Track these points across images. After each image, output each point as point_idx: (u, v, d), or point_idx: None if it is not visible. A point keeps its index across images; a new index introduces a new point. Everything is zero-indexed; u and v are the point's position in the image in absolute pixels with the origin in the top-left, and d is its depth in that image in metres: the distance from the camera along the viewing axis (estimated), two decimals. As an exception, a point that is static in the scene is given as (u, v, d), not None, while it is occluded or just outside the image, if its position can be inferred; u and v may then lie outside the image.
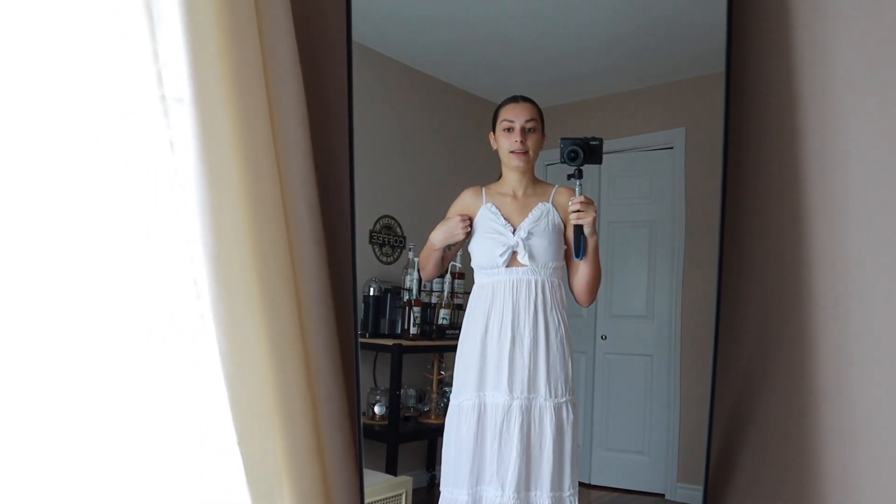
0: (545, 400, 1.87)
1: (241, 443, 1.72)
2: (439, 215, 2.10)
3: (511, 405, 1.85)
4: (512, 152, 1.93)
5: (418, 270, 2.21)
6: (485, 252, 1.93)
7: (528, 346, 1.87)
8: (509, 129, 1.93)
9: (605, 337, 2.50)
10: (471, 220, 1.97)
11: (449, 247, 2.01)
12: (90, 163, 1.58)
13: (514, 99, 1.97)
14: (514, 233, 1.92)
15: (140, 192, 1.66)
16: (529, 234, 1.91)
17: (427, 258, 2.03)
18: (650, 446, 2.45)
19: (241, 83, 1.71)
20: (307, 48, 1.93)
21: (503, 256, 1.90)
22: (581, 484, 2.42)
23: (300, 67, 1.86)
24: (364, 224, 2.36)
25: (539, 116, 1.96)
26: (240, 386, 1.70)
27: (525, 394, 1.86)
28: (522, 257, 1.89)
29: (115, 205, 1.61)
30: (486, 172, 2.12)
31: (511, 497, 1.81)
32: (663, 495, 2.42)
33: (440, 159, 2.49)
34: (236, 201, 1.71)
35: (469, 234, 1.99)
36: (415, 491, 2.27)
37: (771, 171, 1.96)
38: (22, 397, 1.49)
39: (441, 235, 1.98)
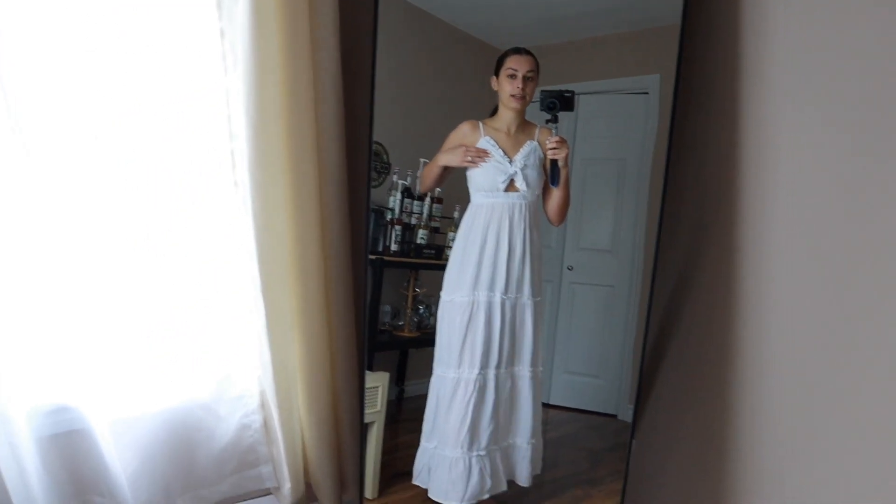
0: (528, 298, 2.29)
1: (264, 291, 2.01)
2: (424, 144, 2.37)
3: (501, 301, 2.26)
4: (512, 96, 2.23)
5: (415, 185, 2.48)
6: (487, 177, 2.24)
7: (519, 255, 2.25)
8: (512, 76, 2.22)
9: (572, 268, 2.65)
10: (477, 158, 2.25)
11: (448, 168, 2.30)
12: (153, 49, 1.84)
13: (518, 51, 2.23)
14: (510, 163, 2.23)
15: (191, 74, 1.92)
16: (525, 165, 2.24)
17: (428, 173, 2.33)
18: (605, 371, 2.64)
19: (290, 38, 1.96)
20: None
21: (504, 182, 2.23)
22: (541, 403, 2.59)
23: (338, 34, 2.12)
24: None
25: (537, 68, 2.24)
26: (267, 242, 1.99)
27: (514, 293, 2.27)
28: (521, 184, 2.24)
29: (168, 84, 1.89)
30: (469, 108, 2.36)
31: (504, 371, 2.30)
32: (615, 416, 2.62)
33: (428, 92, 2.59)
34: (277, 86, 1.94)
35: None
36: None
37: (711, 109, 2.19)
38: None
39: (448, 158, 2.27)
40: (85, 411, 1.77)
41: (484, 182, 2.25)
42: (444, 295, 2.30)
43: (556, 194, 2.28)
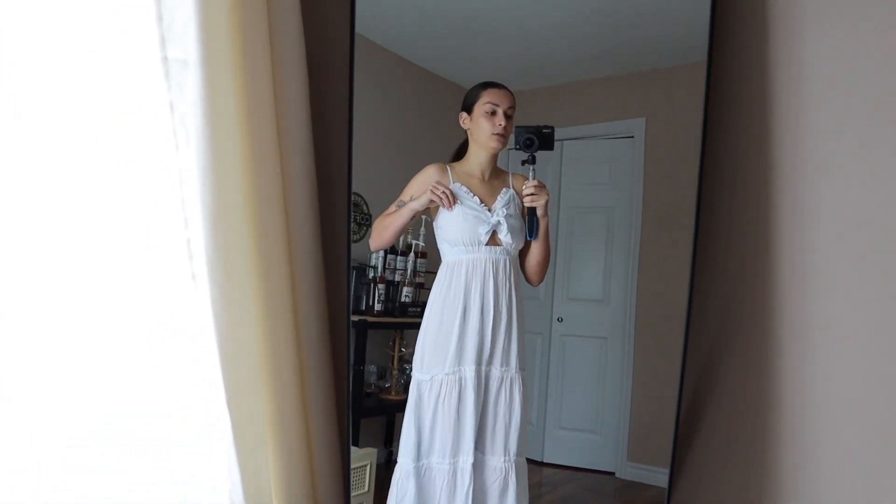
0: (516, 372, 2.01)
1: (229, 400, 1.77)
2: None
3: (489, 376, 1.98)
4: (495, 134, 1.99)
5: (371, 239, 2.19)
6: (466, 229, 1.97)
7: (505, 322, 1.98)
8: (493, 113, 1.99)
9: (562, 319, 2.55)
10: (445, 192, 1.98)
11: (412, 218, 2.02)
12: (92, 125, 1.61)
13: (496, 84, 2.02)
14: (489, 212, 1.99)
15: (138, 152, 1.69)
16: (508, 214, 1.99)
17: (391, 223, 2.01)
18: (602, 426, 2.52)
19: (247, 46, 1.75)
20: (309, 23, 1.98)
21: (487, 234, 1.97)
22: (534, 461, 2.49)
23: (305, 55, 1.93)
24: (332, 202, 2.35)
25: (515, 104, 2.03)
26: (231, 344, 1.75)
27: (500, 366, 1.99)
28: (505, 235, 1.97)
29: (107, 163, 1.64)
30: (446, 152, 2.17)
31: (501, 461, 1.98)
32: (613, 473, 2.49)
33: (407, 138, 2.51)
34: (237, 164, 1.74)
35: (431, 209, 2.03)
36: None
37: (742, 162, 2.03)
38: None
39: (421, 201, 1.98)
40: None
41: (462, 234, 1.98)
42: (418, 373, 2.03)
43: (534, 249, 2.04)
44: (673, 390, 2.09)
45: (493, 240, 1.99)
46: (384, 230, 2.02)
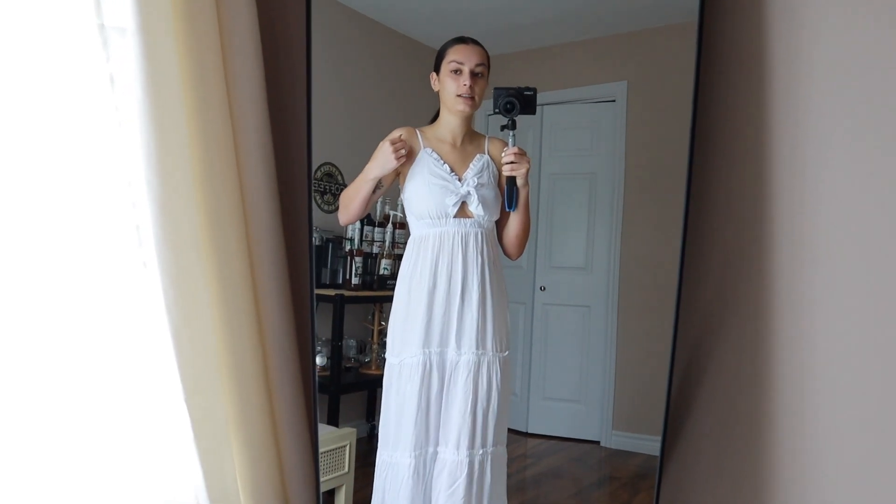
0: (493, 354, 1.80)
1: (188, 398, 1.63)
2: None
3: (458, 361, 1.78)
4: (459, 96, 1.78)
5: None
6: (432, 200, 1.78)
7: (477, 301, 1.78)
8: (457, 72, 1.79)
9: (544, 288, 2.51)
10: (407, 148, 1.79)
11: (379, 185, 1.82)
12: (22, 99, 1.44)
13: (463, 40, 1.82)
14: (460, 182, 1.80)
15: (77, 130, 1.51)
16: (479, 183, 1.80)
17: (355, 194, 1.81)
18: (586, 395, 2.50)
19: (190, 9, 1.58)
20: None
21: (455, 206, 1.78)
22: (518, 432, 2.47)
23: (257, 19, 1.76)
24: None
25: (487, 61, 1.83)
26: (186, 338, 1.60)
27: (474, 349, 1.78)
28: (476, 207, 1.78)
29: (48, 144, 1.48)
30: (429, 117, 2.01)
31: (465, 454, 1.75)
32: (598, 442, 2.47)
33: (382, 105, 2.44)
34: (184, 140, 1.58)
35: (401, 174, 1.85)
36: (357, 440, 2.26)
37: (736, 118, 1.92)
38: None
39: (376, 165, 1.77)
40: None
41: (428, 206, 1.78)
42: (390, 356, 1.85)
43: (513, 220, 1.84)
44: (658, 359, 2.06)
45: (463, 212, 1.80)
46: (349, 202, 1.84)
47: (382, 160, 1.76)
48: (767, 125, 1.72)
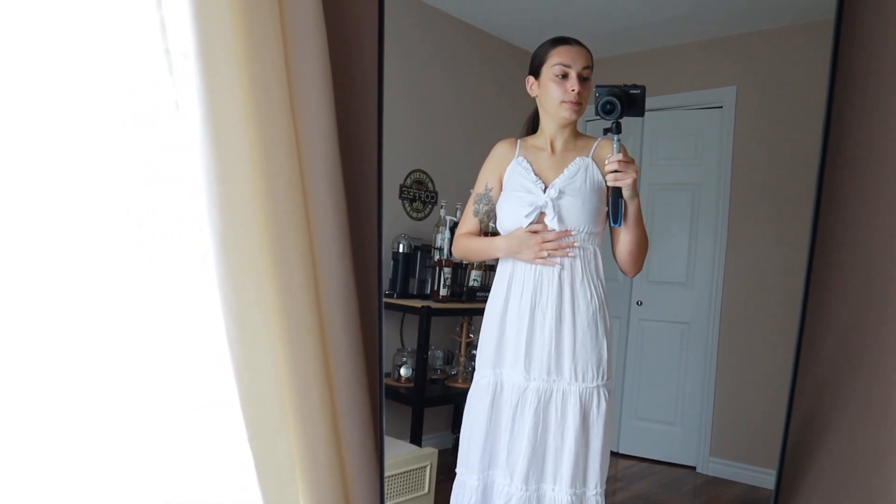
0: (570, 384, 1.63)
1: (251, 439, 1.54)
2: (472, 169, 1.87)
3: (527, 387, 1.65)
4: (565, 102, 1.64)
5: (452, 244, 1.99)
6: (510, 213, 1.68)
7: (551, 321, 1.63)
8: (564, 76, 1.65)
9: (641, 303, 2.42)
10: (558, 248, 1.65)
11: (489, 200, 1.76)
12: (87, 126, 1.38)
13: (567, 41, 1.68)
14: (544, 191, 1.66)
15: (143, 160, 1.45)
16: (561, 192, 1.64)
17: (477, 254, 1.83)
18: (682, 418, 2.39)
19: (254, 34, 1.48)
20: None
21: (529, 217, 1.64)
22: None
23: (323, 18, 1.61)
24: (394, 178, 2.29)
25: (592, 63, 1.69)
26: (248, 376, 1.52)
27: (544, 375, 1.63)
28: (550, 220, 1.63)
29: (114, 175, 1.42)
30: (520, 126, 1.94)
31: (519, 487, 1.63)
32: (694, 468, 2.35)
33: (474, 112, 2.40)
34: (246, 171, 1.49)
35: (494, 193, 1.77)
36: (441, 452, 2.23)
37: (879, 143, 1.63)
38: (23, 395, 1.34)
39: (510, 250, 1.68)
40: None
41: (507, 219, 1.68)
42: (475, 374, 1.76)
43: (623, 236, 1.64)
44: (764, 383, 1.93)
45: (543, 224, 1.66)
46: (468, 254, 1.83)
47: (518, 249, 1.66)
48: None
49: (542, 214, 1.64)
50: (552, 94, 1.66)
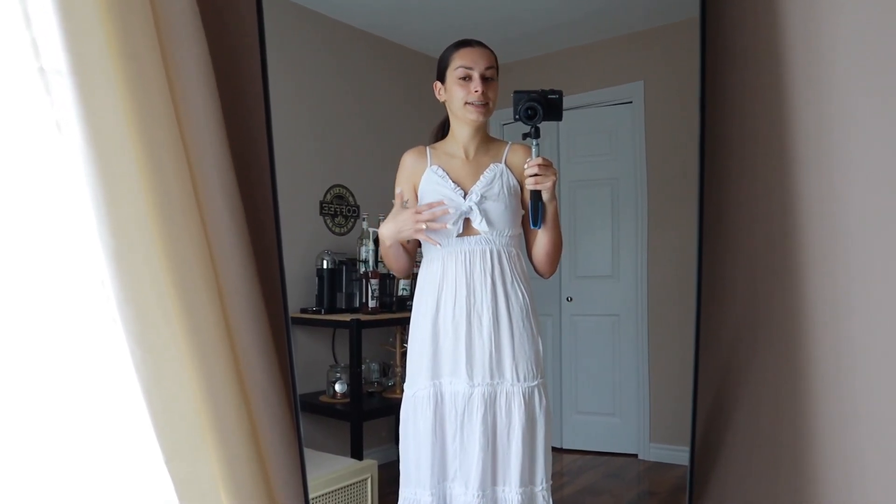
0: (512, 385, 1.63)
1: (168, 461, 1.49)
2: (391, 178, 1.84)
3: (472, 393, 1.62)
4: (468, 104, 1.65)
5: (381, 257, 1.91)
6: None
7: (488, 324, 1.63)
8: (466, 78, 1.65)
9: (571, 298, 2.44)
10: (435, 216, 1.63)
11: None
12: None
13: (468, 43, 1.69)
14: (465, 197, 1.66)
15: (32, 181, 1.40)
16: (483, 197, 1.65)
17: (386, 255, 1.72)
18: (621, 408, 2.42)
19: (129, 47, 1.42)
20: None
21: (456, 224, 1.63)
22: (553, 449, 2.39)
23: (202, 27, 1.59)
24: (313, 195, 2.28)
25: (496, 64, 1.69)
26: (159, 398, 1.46)
27: (488, 379, 1.62)
28: (479, 223, 1.63)
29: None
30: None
31: (475, 495, 1.60)
32: (636, 455, 2.39)
33: (388, 123, 2.40)
34: (135, 189, 1.43)
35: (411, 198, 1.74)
36: (384, 466, 2.21)
37: (753, 114, 1.75)
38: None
39: (390, 229, 1.66)
40: None
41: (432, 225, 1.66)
42: (406, 388, 1.72)
43: (540, 237, 1.67)
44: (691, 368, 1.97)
45: (470, 229, 1.66)
46: (391, 265, 1.76)
47: (398, 227, 1.64)
48: (788, 118, 1.59)
49: (466, 220, 1.65)
50: (456, 96, 1.66)
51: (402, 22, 2.32)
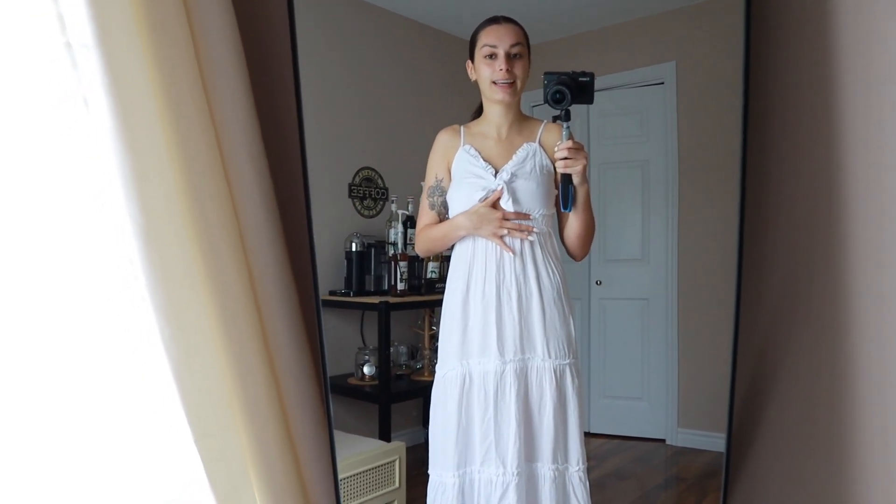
0: (543, 360, 1.61)
1: (198, 440, 1.47)
2: (420, 161, 1.84)
3: (504, 370, 1.59)
4: (495, 83, 1.62)
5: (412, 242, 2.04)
6: (464, 199, 1.64)
7: (517, 301, 1.61)
8: (492, 56, 1.62)
9: (600, 282, 2.43)
10: (520, 227, 1.62)
11: (442, 191, 1.72)
12: None
13: (495, 20, 1.66)
14: (495, 175, 1.64)
15: (57, 160, 1.35)
16: (513, 176, 1.62)
17: (440, 242, 1.71)
18: (649, 392, 2.41)
19: (156, 16, 1.39)
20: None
21: (483, 202, 1.62)
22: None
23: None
24: (343, 178, 2.28)
25: (525, 40, 1.65)
26: (189, 376, 1.45)
27: (519, 354, 1.60)
28: (506, 202, 1.60)
29: (28, 176, 1.33)
30: (469, 115, 1.95)
31: (513, 474, 1.58)
32: (664, 440, 2.38)
33: (419, 105, 2.39)
34: (164, 164, 1.41)
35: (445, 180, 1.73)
36: (412, 448, 2.22)
37: (800, 100, 1.68)
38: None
39: (471, 227, 1.63)
40: None
41: (462, 205, 1.64)
42: (438, 369, 1.70)
43: (572, 221, 1.64)
44: (724, 352, 1.94)
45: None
46: (433, 246, 1.75)
47: (480, 223, 1.62)
48: (836, 100, 1.54)
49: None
50: (483, 75, 1.64)
51: (434, 4, 2.30)
